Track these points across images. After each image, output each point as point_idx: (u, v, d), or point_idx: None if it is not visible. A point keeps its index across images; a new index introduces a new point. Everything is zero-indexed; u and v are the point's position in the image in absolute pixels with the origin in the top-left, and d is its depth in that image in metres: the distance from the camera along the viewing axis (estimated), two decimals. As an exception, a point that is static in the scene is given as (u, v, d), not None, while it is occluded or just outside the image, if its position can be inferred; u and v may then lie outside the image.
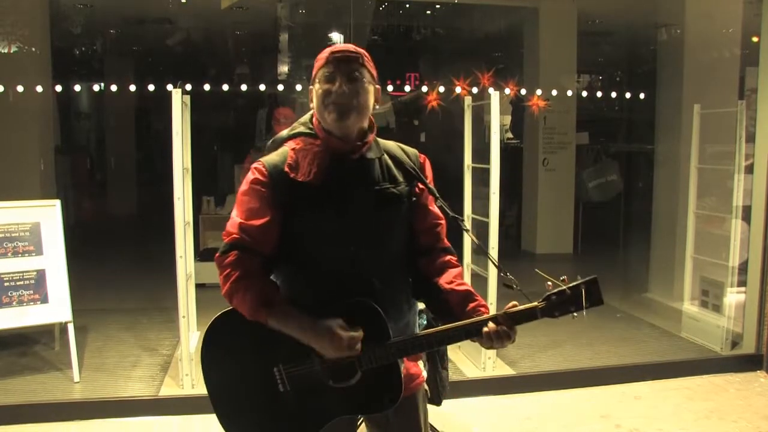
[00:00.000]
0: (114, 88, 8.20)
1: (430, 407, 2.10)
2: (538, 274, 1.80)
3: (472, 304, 1.82)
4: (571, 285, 1.72)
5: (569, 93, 8.00)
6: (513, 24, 8.64)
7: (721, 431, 3.81)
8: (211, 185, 9.42)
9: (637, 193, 8.32)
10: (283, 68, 8.57)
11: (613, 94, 9.54)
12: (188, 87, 6.17)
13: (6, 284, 4.12)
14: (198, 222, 7.00)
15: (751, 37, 4.99)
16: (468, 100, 4.74)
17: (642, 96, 8.05)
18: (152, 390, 4.08)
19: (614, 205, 8.71)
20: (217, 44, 10.04)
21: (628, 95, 8.88)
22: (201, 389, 4.05)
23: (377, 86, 1.86)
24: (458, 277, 1.89)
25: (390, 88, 8.13)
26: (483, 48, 9.07)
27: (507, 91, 6.90)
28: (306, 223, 1.78)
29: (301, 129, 1.89)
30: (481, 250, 1.80)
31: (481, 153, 4.50)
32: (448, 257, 1.92)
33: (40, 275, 4.21)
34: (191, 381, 4.05)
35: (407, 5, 7.92)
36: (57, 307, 4.20)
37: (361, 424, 2.13)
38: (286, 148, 1.85)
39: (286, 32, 8.29)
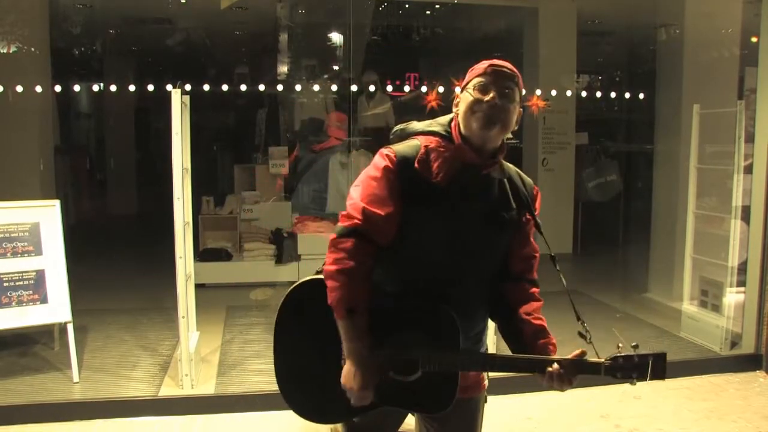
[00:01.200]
0: (114, 88, 8.22)
1: None
2: (614, 332, 1.89)
3: (543, 340, 1.89)
4: (640, 354, 1.81)
5: (569, 93, 8.00)
6: (512, 24, 8.64)
7: (720, 431, 3.81)
8: (211, 185, 9.43)
9: (637, 193, 8.32)
10: (283, 68, 8.57)
11: (613, 94, 9.55)
12: (188, 87, 6.18)
13: (5, 284, 4.11)
14: (197, 222, 7.00)
15: (751, 37, 4.99)
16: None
17: (641, 96, 8.07)
18: (152, 390, 4.08)
19: (614, 205, 8.71)
20: (217, 44, 10.04)
21: (627, 95, 8.89)
22: (201, 389, 4.06)
23: (521, 109, 1.89)
24: (537, 311, 1.93)
25: (390, 88, 8.14)
26: (482, 48, 9.07)
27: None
28: (416, 221, 1.80)
29: (438, 129, 1.90)
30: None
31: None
32: (534, 289, 1.96)
33: (40, 275, 4.21)
34: (191, 381, 4.05)
35: (407, 5, 7.92)
36: (56, 307, 4.20)
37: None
38: (418, 143, 1.86)
39: (286, 32, 8.29)
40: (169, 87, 4.08)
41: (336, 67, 8.58)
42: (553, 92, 7.66)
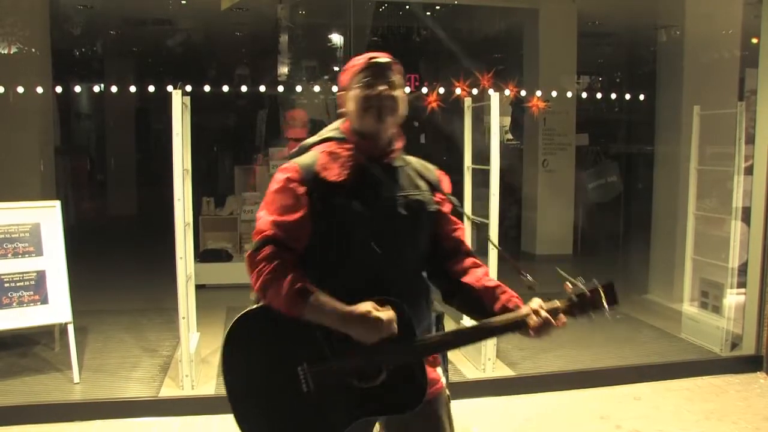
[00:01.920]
0: (114, 89, 8.21)
1: None
2: (558, 273, 1.90)
3: (504, 297, 1.87)
4: (590, 288, 1.81)
5: (569, 94, 8.01)
6: (513, 25, 8.64)
7: (720, 432, 3.82)
8: (212, 186, 9.44)
9: (637, 194, 8.32)
10: (283, 69, 8.58)
11: (613, 96, 9.55)
12: (188, 88, 6.17)
13: (6, 285, 4.11)
14: (198, 223, 7.01)
15: (751, 38, 4.99)
16: (468, 101, 4.75)
17: (642, 97, 8.07)
18: (152, 391, 4.08)
19: (614, 206, 8.72)
20: (217, 45, 10.05)
21: (627, 96, 8.89)
22: (201, 390, 4.06)
23: (406, 95, 1.92)
24: (486, 275, 1.94)
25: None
26: (483, 49, 9.08)
27: (507, 92, 6.90)
28: (335, 222, 1.81)
29: (331, 134, 1.94)
30: (500, 255, 1.83)
31: (481, 154, 4.51)
32: (472, 259, 1.97)
33: (40, 276, 4.21)
34: (191, 382, 4.05)
35: (407, 6, 7.92)
36: (57, 307, 4.20)
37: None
38: (316, 152, 1.90)
39: (286, 33, 8.30)
40: (169, 88, 4.07)
41: (336, 68, 8.59)
42: (554, 93, 7.66)
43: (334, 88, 8.28)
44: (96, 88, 9.66)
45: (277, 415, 1.82)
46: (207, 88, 7.30)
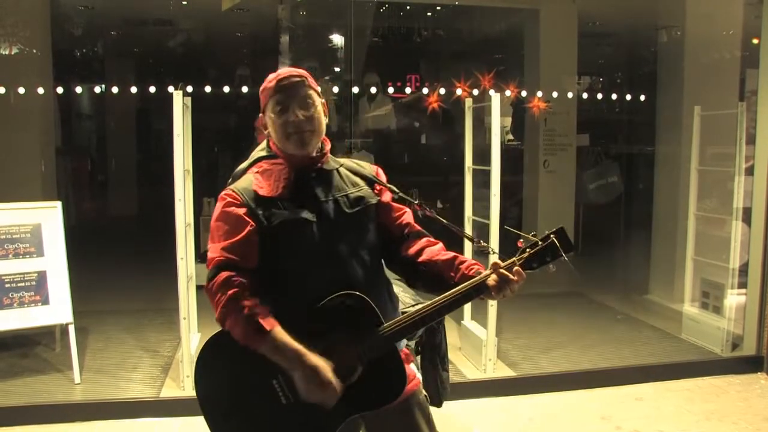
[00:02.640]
0: (115, 89, 8.21)
1: (431, 408, 2.09)
2: (508, 231, 1.92)
3: (463, 266, 1.88)
4: (542, 237, 1.80)
5: (570, 95, 8.00)
6: (513, 26, 8.63)
7: (721, 433, 3.81)
8: (212, 187, 9.43)
9: (638, 194, 8.32)
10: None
11: (614, 96, 9.54)
12: (189, 89, 6.18)
13: (7, 285, 4.12)
14: (199, 224, 7.01)
15: (752, 39, 4.99)
16: (469, 101, 4.75)
17: (642, 98, 8.06)
18: (153, 391, 4.08)
19: (615, 207, 8.71)
20: (218, 46, 10.05)
21: (628, 97, 8.88)
22: (202, 391, 4.06)
23: (323, 101, 1.95)
24: (441, 250, 1.96)
25: (391, 90, 8.14)
26: (483, 50, 9.08)
27: (508, 92, 6.91)
28: (282, 234, 1.83)
29: (261, 154, 1.98)
30: (450, 230, 1.84)
31: (482, 155, 4.51)
32: (425, 239, 1.99)
33: (41, 276, 4.21)
34: (192, 382, 4.05)
35: (408, 7, 7.92)
36: (58, 308, 4.21)
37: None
38: (250, 175, 1.94)
39: (287, 34, 8.30)
40: (170, 88, 4.08)
41: (337, 69, 8.59)
42: (554, 94, 7.66)
43: (335, 89, 8.32)
44: (97, 89, 9.66)
45: (260, 429, 1.83)
46: (208, 89, 7.30)
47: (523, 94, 7.38)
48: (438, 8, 8.07)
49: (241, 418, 1.84)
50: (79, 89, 8.54)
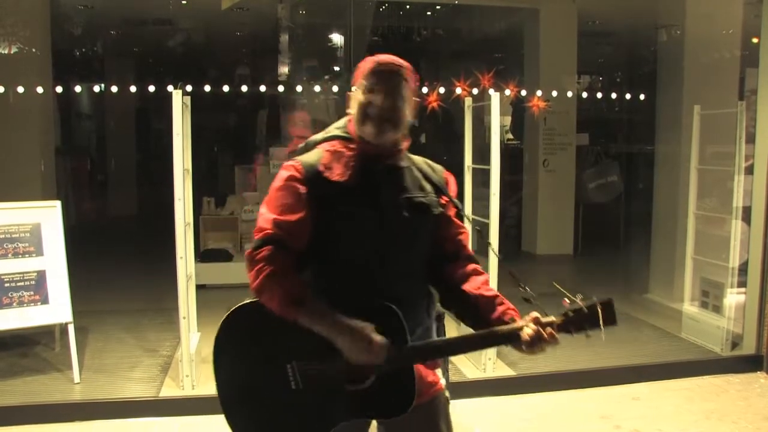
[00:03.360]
0: (114, 89, 8.22)
1: None
2: (556, 287, 1.85)
3: (500, 308, 1.84)
4: (588, 304, 1.75)
5: (569, 94, 8.01)
6: (513, 25, 8.64)
7: (721, 432, 3.82)
8: (212, 186, 9.44)
9: (638, 193, 8.32)
10: (284, 69, 8.58)
11: (614, 95, 9.55)
12: (189, 88, 6.18)
13: (6, 285, 4.12)
14: (198, 223, 7.01)
15: (751, 38, 4.99)
16: (468, 101, 4.75)
17: (642, 97, 8.07)
18: (152, 391, 4.08)
19: (614, 206, 8.71)
20: (218, 45, 10.05)
21: (628, 96, 8.90)
22: (201, 390, 4.06)
23: (417, 99, 1.89)
24: (485, 283, 1.91)
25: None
26: (483, 49, 9.08)
27: (507, 92, 6.90)
28: (337, 222, 1.80)
29: (336, 132, 1.91)
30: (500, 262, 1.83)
31: (482, 154, 4.51)
32: (473, 265, 1.94)
33: (41, 276, 4.21)
34: (191, 382, 4.05)
35: (407, 6, 7.92)
36: (57, 308, 4.20)
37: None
38: (320, 150, 1.88)
39: (287, 33, 8.30)
40: (170, 88, 4.08)
41: (336, 68, 8.59)
42: (554, 93, 7.66)
43: (335, 88, 8.31)
44: (96, 88, 9.67)
45: (264, 409, 1.82)
46: (207, 88, 7.30)
47: (523, 93, 7.38)
48: (438, 7, 8.07)
49: (250, 392, 1.82)
50: (78, 89, 8.55)
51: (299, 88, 8.14)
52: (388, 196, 1.84)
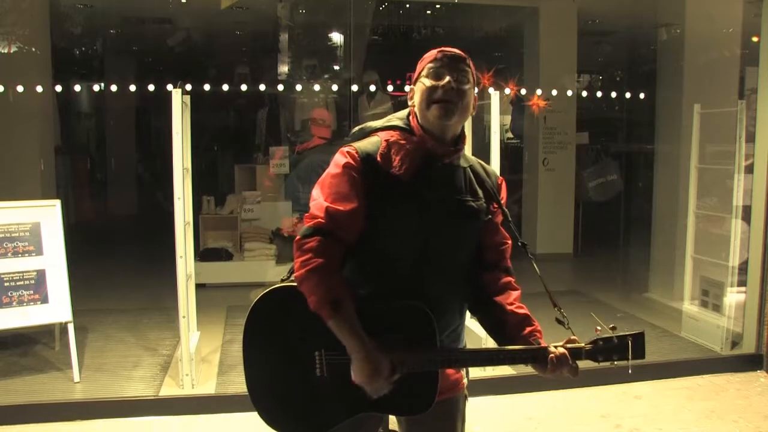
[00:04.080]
0: (114, 88, 8.21)
1: None
2: (593, 317, 1.87)
3: (528, 329, 1.84)
4: (619, 335, 1.77)
5: (569, 93, 8.00)
6: (513, 24, 8.64)
7: (721, 431, 3.81)
8: (212, 185, 9.43)
9: (638, 192, 8.32)
10: (283, 68, 8.57)
11: (614, 94, 9.54)
12: (188, 87, 6.18)
13: (6, 284, 4.12)
14: (198, 222, 7.01)
15: (751, 36, 4.99)
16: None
17: (642, 96, 8.06)
18: (152, 390, 4.08)
19: (614, 205, 8.71)
20: (217, 44, 10.04)
21: (628, 95, 8.88)
22: (201, 389, 4.07)
23: (476, 93, 1.87)
24: (517, 299, 1.90)
25: (390, 87, 8.13)
26: (483, 48, 9.07)
27: (507, 91, 6.90)
28: (385, 216, 1.77)
29: (397, 123, 1.88)
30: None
31: (481, 153, 4.50)
32: (509, 278, 1.93)
33: (41, 275, 4.21)
34: (191, 381, 4.05)
35: (407, 5, 7.92)
36: (57, 307, 4.21)
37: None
38: (379, 138, 1.84)
39: (286, 32, 8.29)
40: (169, 87, 4.07)
41: (336, 67, 8.58)
42: (554, 92, 7.66)
43: (334, 87, 8.31)
44: (96, 87, 9.66)
45: (286, 391, 1.82)
46: (207, 87, 7.30)
47: (523, 92, 7.38)
48: (437, 6, 8.06)
49: (274, 372, 1.83)
50: (78, 88, 8.54)
51: (299, 87, 8.14)
52: (441, 196, 1.81)
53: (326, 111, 7.89)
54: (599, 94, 9.34)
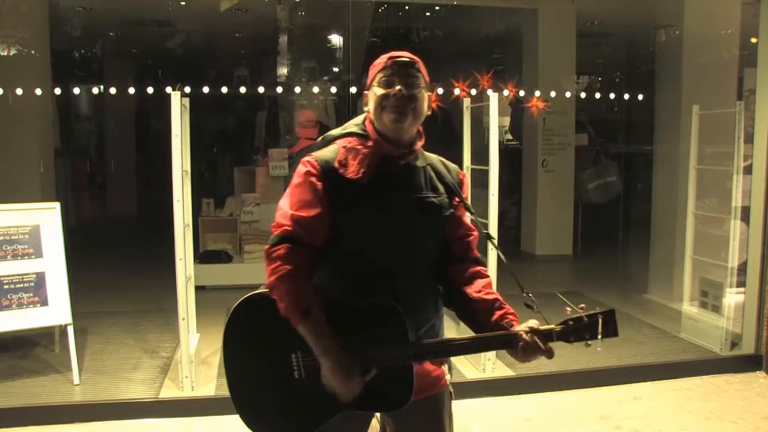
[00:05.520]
0: (113, 90, 8.21)
1: None
2: (558, 297, 1.87)
3: (499, 313, 1.85)
4: (588, 313, 1.78)
5: (568, 94, 8.01)
6: (512, 25, 8.65)
7: (720, 431, 3.82)
8: (211, 187, 9.44)
9: (637, 194, 8.33)
10: (283, 70, 8.58)
11: (612, 95, 9.55)
12: (187, 89, 6.18)
13: (6, 287, 4.11)
14: (197, 224, 7.01)
15: (750, 38, 4.99)
16: (467, 101, 4.75)
17: (641, 97, 8.07)
18: (152, 392, 4.08)
19: (613, 206, 8.72)
20: (217, 47, 10.05)
21: (627, 96, 8.90)
22: (201, 392, 4.07)
23: (430, 93, 1.92)
24: (487, 286, 1.92)
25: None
26: (482, 49, 9.08)
27: (506, 92, 6.91)
28: (348, 220, 1.82)
29: (354, 129, 1.94)
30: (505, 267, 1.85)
31: (481, 154, 4.51)
32: (478, 267, 1.96)
33: (40, 278, 4.21)
34: (191, 383, 4.05)
35: (406, 7, 7.93)
36: (57, 309, 4.20)
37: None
38: (337, 146, 1.90)
39: (286, 34, 8.30)
40: (168, 89, 4.07)
41: (335, 69, 8.59)
42: (553, 93, 7.67)
43: (333, 89, 8.31)
44: (95, 90, 9.66)
45: (267, 395, 1.87)
46: (206, 90, 7.30)
47: (522, 93, 7.38)
48: (436, 8, 8.07)
49: (255, 378, 1.88)
50: (77, 90, 8.54)
51: (298, 89, 8.15)
52: (400, 195, 1.86)
53: (311, 112, 7.90)
54: (598, 95, 9.36)
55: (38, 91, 6.24)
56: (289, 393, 1.83)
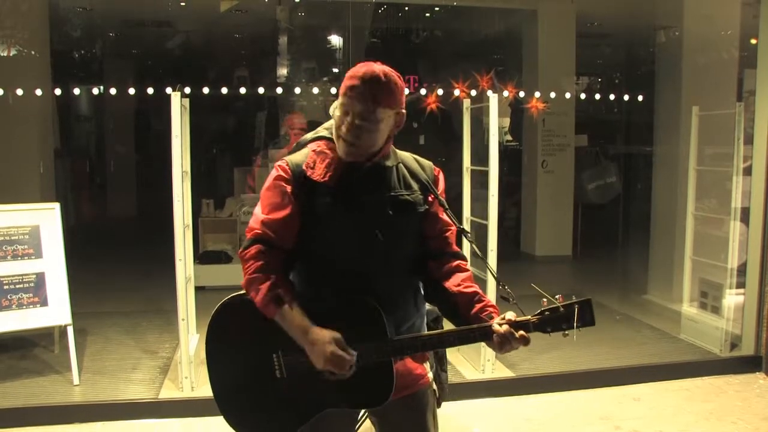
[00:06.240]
0: (113, 91, 8.20)
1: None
2: (534, 288, 1.86)
3: (478, 305, 1.86)
4: (564, 303, 1.78)
5: (568, 95, 8.01)
6: (512, 26, 8.65)
7: (720, 433, 3.82)
8: (211, 188, 9.43)
9: (636, 194, 8.33)
10: (282, 71, 8.58)
11: (612, 96, 9.55)
12: (187, 90, 6.18)
13: (5, 287, 4.11)
14: (197, 225, 7.01)
15: (750, 39, 5.00)
16: (467, 102, 4.75)
17: (641, 98, 8.06)
18: (152, 393, 4.08)
19: (613, 207, 8.72)
20: (217, 47, 10.05)
21: (626, 97, 8.89)
22: (201, 392, 4.06)
23: (401, 111, 1.88)
24: (467, 280, 1.93)
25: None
26: (482, 50, 9.08)
27: (506, 93, 6.91)
28: (320, 222, 1.85)
29: (324, 133, 1.97)
30: (482, 261, 1.85)
31: (480, 155, 4.51)
32: (457, 262, 1.96)
33: (40, 278, 4.21)
34: (191, 384, 4.05)
35: (406, 8, 7.93)
36: (57, 310, 4.20)
37: (364, 420, 2.16)
38: (308, 150, 1.94)
39: (285, 35, 8.31)
40: (168, 90, 4.06)
41: (335, 70, 8.59)
42: (553, 94, 7.67)
43: (333, 90, 8.30)
44: (95, 91, 9.65)
45: (252, 397, 1.90)
46: (206, 90, 7.30)
47: (522, 94, 7.38)
48: (436, 9, 8.07)
49: (238, 381, 1.91)
50: (77, 91, 8.53)
51: (298, 90, 8.15)
52: (371, 195, 1.87)
53: (299, 113, 7.88)
54: (598, 96, 9.36)
55: (38, 92, 6.24)
56: (271, 392, 1.86)
